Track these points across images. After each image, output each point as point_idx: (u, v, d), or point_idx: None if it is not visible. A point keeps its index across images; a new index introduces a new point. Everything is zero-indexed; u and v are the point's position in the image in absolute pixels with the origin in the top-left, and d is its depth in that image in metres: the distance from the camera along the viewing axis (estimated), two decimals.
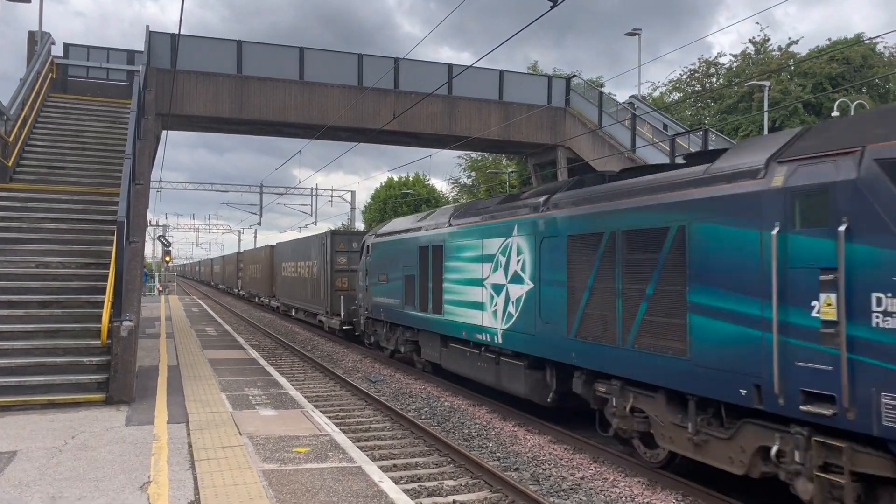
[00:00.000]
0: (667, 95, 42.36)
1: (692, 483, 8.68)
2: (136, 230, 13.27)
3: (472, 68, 24.77)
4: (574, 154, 27.41)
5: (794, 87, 33.68)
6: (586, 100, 27.84)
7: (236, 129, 27.30)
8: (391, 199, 57.95)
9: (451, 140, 26.82)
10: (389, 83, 25.14)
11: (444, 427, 12.35)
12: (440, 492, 8.71)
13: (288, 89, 24.44)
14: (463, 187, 55.30)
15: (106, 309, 10.62)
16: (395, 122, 23.55)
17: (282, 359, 20.96)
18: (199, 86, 23.48)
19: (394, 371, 18.78)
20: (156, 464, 7.15)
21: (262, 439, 8.30)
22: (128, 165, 13.01)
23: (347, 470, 7.13)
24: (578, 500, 8.45)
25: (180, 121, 24.59)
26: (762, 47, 38.67)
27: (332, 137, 27.61)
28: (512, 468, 9.80)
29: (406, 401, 14.73)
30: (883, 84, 34.98)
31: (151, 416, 9.39)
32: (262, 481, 6.64)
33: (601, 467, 9.77)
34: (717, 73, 41.06)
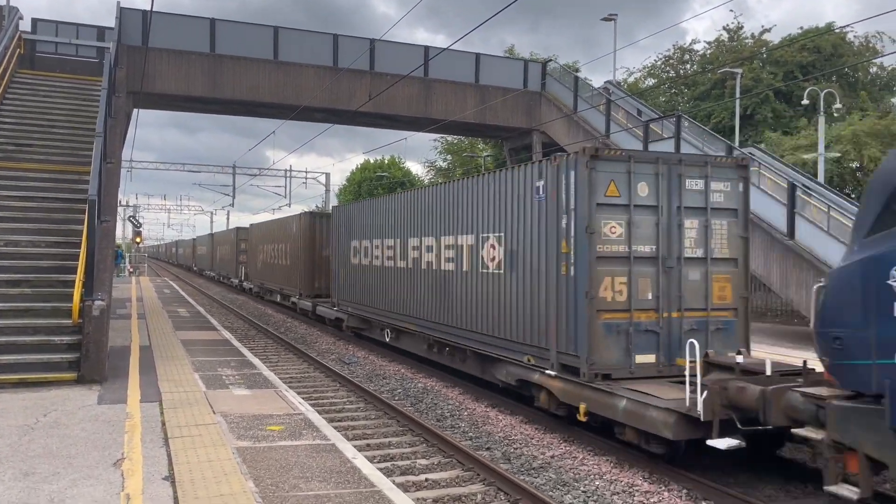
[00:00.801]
0: (641, 81, 42.63)
1: (660, 462, 8.89)
2: (107, 209, 13.13)
3: (448, 51, 24.72)
4: (549, 138, 27.56)
5: (766, 74, 34.09)
6: (562, 84, 27.95)
7: (209, 108, 26.99)
8: (366, 182, 57.72)
9: (426, 123, 26.79)
10: (365, 64, 25.00)
11: (418, 408, 12.46)
12: (413, 470, 8.83)
13: (262, 69, 24.21)
14: (439, 170, 55.25)
15: (77, 288, 10.52)
16: (371, 104, 23.46)
17: (255, 340, 20.92)
18: (172, 64, 23.15)
19: (367, 353, 18.85)
20: (129, 441, 7.16)
21: (235, 418, 8.34)
22: (99, 143, 12.83)
23: (321, 447, 7.20)
24: (548, 478, 8.61)
25: (152, 99, 24.24)
26: (736, 34, 39.04)
27: (307, 118, 27.44)
28: (484, 447, 9.95)
29: (380, 382, 14.82)
30: (852, 73, 35.55)
31: (124, 395, 9.37)
32: (236, 458, 6.69)
33: (571, 446, 9.96)
34: (691, 60, 41.39)
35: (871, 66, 36.37)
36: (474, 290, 12.75)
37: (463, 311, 13.17)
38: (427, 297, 14.91)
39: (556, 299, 10.22)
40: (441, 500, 7.74)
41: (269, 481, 6.08)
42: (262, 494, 5.74)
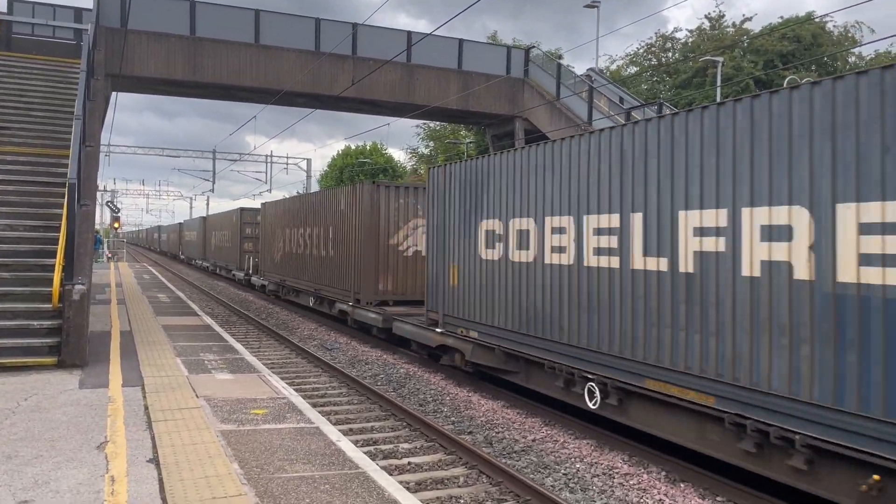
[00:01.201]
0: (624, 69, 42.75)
1: (638, 444, 9.03)
2: (86, 193, 12.99)
3: (431, 37, 24.61)
4: (532, 125, 27.59)
5: (747, 63, 34.33)
6: (545, 71, 27.96)
7: (189, 92, 26.68)
8: (348, 168, 57.47)
9: (409, 108, 26.71)
10: (347, 49, 24.85)
11: (400, 393, 12.53)
12: (396, 454, 8.90)
13: (243, 52, 23.97)
14: (421, 157, 55.13)
15: (57, 272, 10.42)
16: (353, 89, 23.34)
17: (236, 326, 20.86)
18: (151, 46, 22.86)
19: (349, 339, 18.87)
20: (112, 424, 7.14)
21: (219, 401, 8.34)
22: (78, 126, 12.67)
23: (305, 430, 7.24)
24: (529, 461, 8.73)
25: (131, 82, 23.93)
26: (717, 23, 39.22)
27: (288, 103, 27.24)
28: (466, 432, 10.05)
29: (362, 367, 14.86)
30: (831, 62, 35.89)
31: (105, 380, 9.32)
32: (220, 440, 6.70)
33: (552, 430, 10.08)
34: (672, 48, 41.55)
35: (850, 55, 36.75)
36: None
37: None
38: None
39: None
40: (424, 483, 7.82)
41: (254, 463, 6.10)
42: (247, 476, 5.77)
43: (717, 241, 7.42)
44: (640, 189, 8.51)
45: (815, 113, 6.44)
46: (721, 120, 7.42)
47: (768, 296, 6.79)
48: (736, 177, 7.19)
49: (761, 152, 6.94)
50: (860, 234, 6.05)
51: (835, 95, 6.29)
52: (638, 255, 8.55)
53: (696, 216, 7.68)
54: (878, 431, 5.84)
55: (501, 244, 11.48)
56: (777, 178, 6.77)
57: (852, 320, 6.07)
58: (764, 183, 6.90)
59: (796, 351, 6.53)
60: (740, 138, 7.17)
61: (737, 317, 7.11)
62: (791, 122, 6.66)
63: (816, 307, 6.37)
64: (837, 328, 6.19)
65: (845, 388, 6.11)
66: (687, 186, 7.82)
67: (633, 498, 7.53)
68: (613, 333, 8.86)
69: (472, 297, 12.35)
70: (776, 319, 6.71)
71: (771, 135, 6.84)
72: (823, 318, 6.30)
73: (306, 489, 5.53)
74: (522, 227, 10.98)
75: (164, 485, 5.48)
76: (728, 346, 7.21)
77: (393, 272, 17.63)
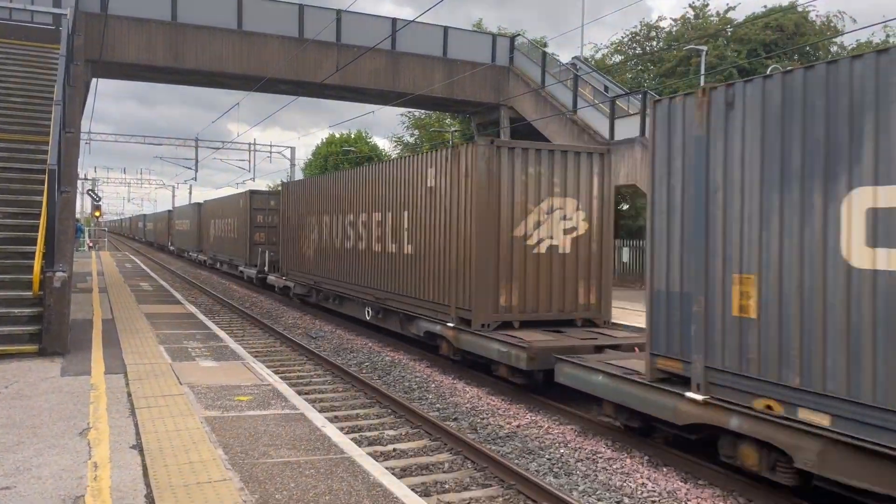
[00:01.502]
0: (608, 58, 42.79)
1: (620, 430, 9.10)
2: (67, 179, 12.84)
3: (416, 24, 24.51)
4: (517, 114, 27.58)
5: (730, 52, 34.47)
6: (530, 60, 27.93)
7: (171, 78, 26.43)
8: (332, 156, 57.22)
9: (394, 96, 26.60)
10: (332, 36, 24.69)
11: (385, 380, 12.54)
12: (381, 441, 8.92)
13: (225, 39, 23.76)
14: (406, 146, 54.98)
15: (37, 259, 10.31)
16: (337, 77, 23.22)
17: (220, 314, 20.75)
18: (132, 32, 22.59)
19: (335, 327, 18.84)
20: (94, 412, 7.09)
21: (203, 388, 8.31)
22: (58, 112, 12.50)
23: (290, 416, 7.23)
24: (514, 447, 8.77)
25: (111, 68, 23.66)
26: (701, 12, 39.33)
27: (272, 90, 27.06)
28: (451, 418, 10.08)
29: (347, 356, 14.85)
30: (813, 52, 36.11)
31: (88, 367, 9.25)
32: (204, 427, 6.68)
33: (536, 416, 10.13)
34: (657, 37, 41.63)
35: (832, 45, 36.99)
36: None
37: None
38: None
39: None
40: (409, 469, 7.84)
41: (239, 449, 6.09)
42: (231, 461, 5.76)
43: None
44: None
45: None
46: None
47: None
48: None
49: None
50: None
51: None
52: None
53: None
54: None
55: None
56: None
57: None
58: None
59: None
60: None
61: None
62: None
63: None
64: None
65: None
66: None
67: (617, 482, 7.59)
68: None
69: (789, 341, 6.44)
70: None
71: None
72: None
73: (291, 474, 5.53)
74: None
75: (147, 470, 5.46)
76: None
77: (520, 279, 11.97)
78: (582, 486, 7.48)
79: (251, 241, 27.51)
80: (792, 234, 6.41)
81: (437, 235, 13.16)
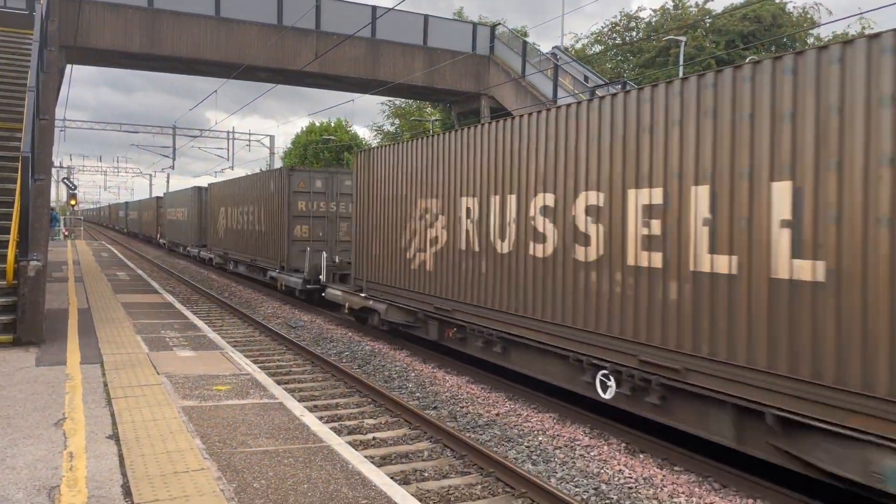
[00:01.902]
0: (588, 48, 42.87)
1: (599, 417, 9.19)
2: (41, 167, 12.64)
3: (396, 12, 24.37)
4: (497, 103, 27.57)
5: (709, 43, 34.69)
6: (510, 49, 27.90)
7: (147, 65, 26.07)
8: (312, 145, 56.85)
9: (374, 85, 26.46)
10: (311, 23, 24.48)
11: (365, 370, 12.54)
12: (361, 429, 8.92)
13: (203, 25, 23.46)
14: (386, 134, 54.76)
15: (11, 248, 10.16)
16: (317, 64, 23.05)
17: (198, 304, 20.60)
18: (107, 17, 22.24)
19: (314, 317, 18.78)
20: (70, 402, 7.03)
21: (180, 378, 8.25)
22: (31, 98, 12.29)
23: (269, 405, 7.21)
24: (493, 435, 8.83)
25: (86, 54, 23.29)
26: (680, 3, 39.51)
27: (251, 77, 26.80)
28: (431, 407, 10.11)
29: (327, 345, 14.82)
30: (791, 43, 36.44)
31: (63, 357, 9.16)
32: (182, 416, 6.64)
33: (515, 404, 10.19)
34: (636, 27, 41.76)
35: (809, 36, 37.35)
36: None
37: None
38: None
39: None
40: (388, 457, 7.86)
41: (217, 438, 6.07)
42: (209, 450, 5.74)
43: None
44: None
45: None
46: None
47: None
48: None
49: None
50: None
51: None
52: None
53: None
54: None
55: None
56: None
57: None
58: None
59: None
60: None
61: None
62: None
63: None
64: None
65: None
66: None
67: (594, 469, 7.67)
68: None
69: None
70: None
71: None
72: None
73: (269, 462, 5.53)
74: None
75: (124, 460, 5.43)
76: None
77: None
78: (560, 473, 7.55)
79: (287, 237, 20.72)
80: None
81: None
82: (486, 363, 11.59)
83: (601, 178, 8.51)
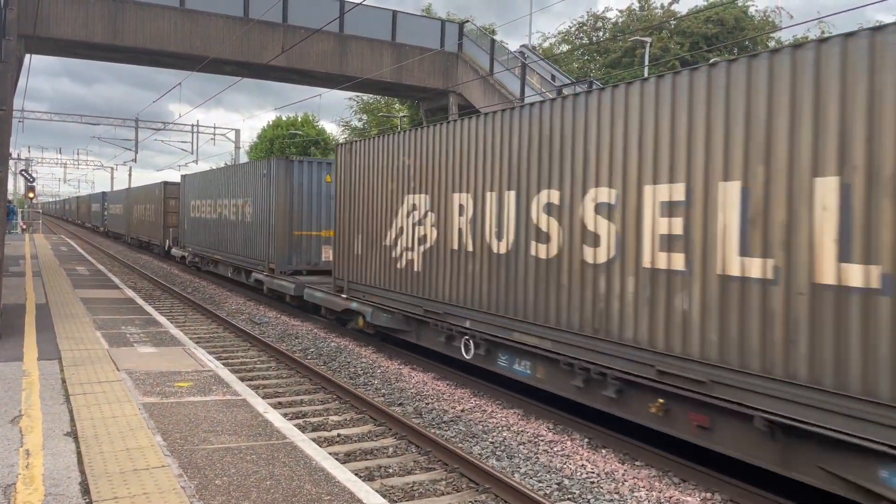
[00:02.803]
0: (556, 47, 43.16)
1: (563, 413, 9.29)
2: None
3: (364, 7, 24.25)
4: (465, 100, 27.60)
5: (674, 44, 35.18)
6: (479, 47, 27.95)
7: (109, 56, 25.55)
8: (278, 140, 56.31)
9: (341, 80, 26.31)
10: (277, 16, 24.22)
11: (330, 366, 12.49)
12: (325, 426, 8.89)
13: (167, 16, 23.07)
14: (354, 130, 54.48)
15: None
16: (283, 58, 22.83)
17: (161, 300, 20.30)
18: (69, 7, 21.76)
19: (279, 313, 18.63)
20: (27, 398, 6.88)
21: (141, 375, 8.14)
22: None
23: (232, 402, 7.15)
24: (458, 431, 8.87)
25: (46, 44, 22.75)
26: (646, 4, 39.99)
27: (215, 71, 26.42)
28: (396, 403, 10.11)
29: (292, 342, 14.72)
30: (752, 46, 37.11)
31: (20, 353, 8.96)
32: (142, 413, 6.55)
33: (480, 401, 10.25)
34: (603, 28, 42.16)
35: (770, 39, 38.08)
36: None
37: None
38: None
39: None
40: (353, 454, 7.85)
41: (178, 435, 6.00)
42: (170, 448, 5.67)
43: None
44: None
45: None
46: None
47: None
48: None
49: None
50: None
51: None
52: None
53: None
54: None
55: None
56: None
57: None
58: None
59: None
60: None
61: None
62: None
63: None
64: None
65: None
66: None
67: (557, 464, 7.75)
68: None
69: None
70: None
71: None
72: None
73: (231, 459, 5.48)
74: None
75: (82, 457, 5.34)
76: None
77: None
78: (524, 469, 7.62)
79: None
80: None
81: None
82: (453, 360, 11.52)
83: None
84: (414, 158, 12.16)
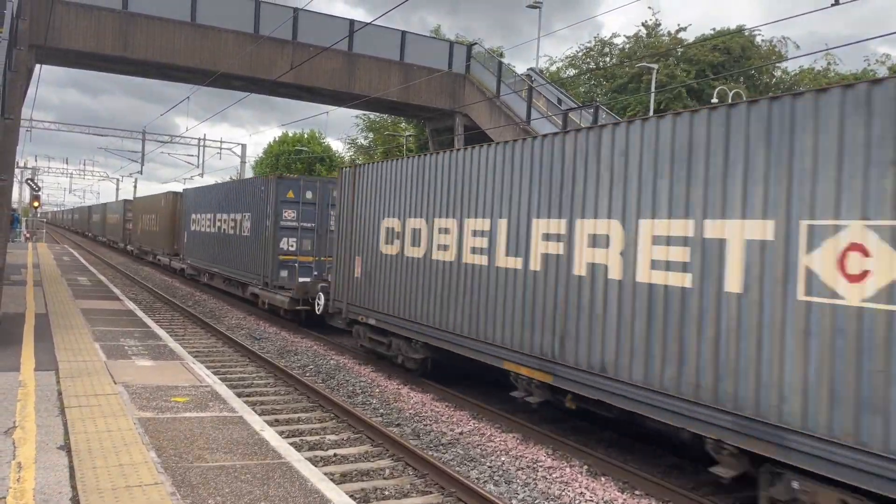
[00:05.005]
0: (563, 71, 43.40)
1: (561, 438, 9.19)
2: (4, 168, 12.35)
3: (373, 26, 24.43)
4: (471, 122, 27.71)
5: (680, 71, 35.35)
6: (486, 69, 28.11)
7: (119, 68, 25.74)
8: (284, 155, 56.54)
9: (349, 98, 26.44)
10: (287, 34, 24.42)
11: (329, 384, 12.39)
12: (322, 445, 8.80)
13: (178, 30, 23.27)
14: (360, 148, 54.68)
15: None
16: (292, 75, 22.96)
17: (161, 313, 20.23)
18: (80, 18, 21.94)
19: (279, 329, 18.55)
20: (22, 410, 6.81)
21: (138, 388, 8.07)
22: None
23: (228, 419, 7.07)
24: (456, 454, 8.76)
25: (57, 55, 22.93)
26: (653, 31, 40.24)
27: (224, 86, 26.60)
28: (394, 424, 10.01)
29: (291, 358, 14.63)
30: (758, 75, 37.30)
31: (17, 363, 8.90)
32: (137, 428, 6.48)
33: (479, 423, 10.15)
34: (610, 53, 42.40)
35: (776, 69, 38.26)
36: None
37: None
38: None
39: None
40: (349, 475, 7.75)
41: (172, 451, 5.92)
42: (164, 464, 5.59)
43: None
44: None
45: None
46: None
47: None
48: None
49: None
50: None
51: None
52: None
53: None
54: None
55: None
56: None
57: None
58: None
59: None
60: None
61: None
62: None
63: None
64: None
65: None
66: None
67: (556, 491, 7.64)
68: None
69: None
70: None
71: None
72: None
73: (226, 479, 5.40)
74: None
75: (75, 472, 5.27)
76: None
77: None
78: (522, 495, 7.51)
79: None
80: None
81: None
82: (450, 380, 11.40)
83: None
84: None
